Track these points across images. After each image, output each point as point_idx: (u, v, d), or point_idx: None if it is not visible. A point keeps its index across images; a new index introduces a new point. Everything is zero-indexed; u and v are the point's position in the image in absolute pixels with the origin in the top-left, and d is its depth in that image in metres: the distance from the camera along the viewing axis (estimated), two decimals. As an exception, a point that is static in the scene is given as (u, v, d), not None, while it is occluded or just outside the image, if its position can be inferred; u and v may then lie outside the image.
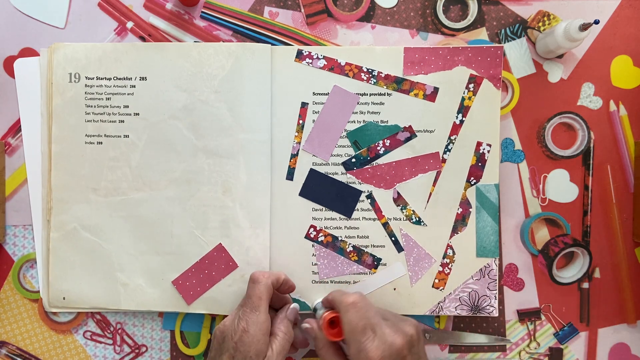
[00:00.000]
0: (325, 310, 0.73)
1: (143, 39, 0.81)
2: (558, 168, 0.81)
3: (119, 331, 0.82)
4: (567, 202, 0.81)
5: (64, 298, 0.79)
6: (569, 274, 0.81)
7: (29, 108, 0.80)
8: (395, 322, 0.69)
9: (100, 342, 0.82)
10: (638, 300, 0.81)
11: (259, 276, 0.72)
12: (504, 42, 0.80)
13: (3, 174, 0.81)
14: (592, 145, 0.81)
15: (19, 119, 0.81)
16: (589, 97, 0.80)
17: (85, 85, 0.78)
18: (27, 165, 0.81)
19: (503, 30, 0.80)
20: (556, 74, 0.80)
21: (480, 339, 0.80)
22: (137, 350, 0.82)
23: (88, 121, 0.78)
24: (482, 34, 0.80)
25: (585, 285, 0.81)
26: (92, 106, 0.78)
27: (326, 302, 0.74)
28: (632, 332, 0.81)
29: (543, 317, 0.81)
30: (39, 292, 0.81)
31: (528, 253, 0.81)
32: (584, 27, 0.71)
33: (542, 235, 0.81)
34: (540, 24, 0.80)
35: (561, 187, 0.81)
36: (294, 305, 0.75)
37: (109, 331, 0.82)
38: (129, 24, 0.81)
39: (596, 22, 0.70)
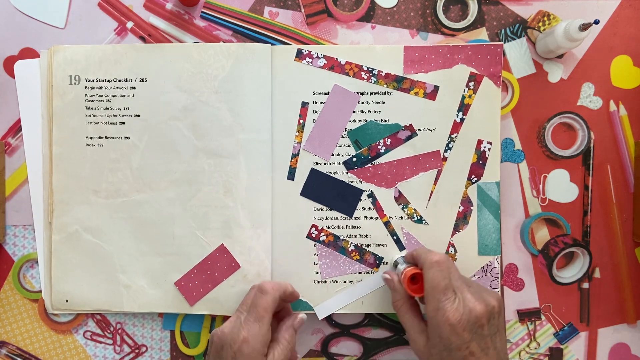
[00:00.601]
0: (407, 265, 0.73)
1: (143, 39, 0.81)
2: (558, 168, 0.81)
3: (119, 331, 0.81)
4: (567, 202, 0.81)
5: (66, 300, 0.79)
6: (569, 274, 0.81)
7: (29, 109, 0.80)
8: (479, 290, 0.68)
9: (100, 342, 0.81)
10: (638, 300, 0.81)
11: (268, 287, 0.71)
12: (504, 42, 0.80)
13: (3, 174, 0.81)
14: (592, 145, 0.81)
15: (19, 119, 0.81)
16: (589, 97, 0.80)
17: (86, 87, 0.78)
18: (28, 166, 0.80)
19: (503, 30, 0.80)
20: (556, 74, 0.80)
21: (480, 338, 0.80)
22: (137, 350, 0.82)
23: (88, 123, 0.78)
24: (482, 34, 0.80)
25: (585, 285, 0.81)
26: (92, 108, 0.78)
27: (409, 257, 0.73)
28: (632, 332, 0.81)
29: (543, 317, 0.81)
30: (39, 292, 0.81)
31: (528, 253, 0.81)
32: (584, 27, 0.71)
33: (542, 235, 0.81)
34: (540, 24, 0.80)
35: (561, 187, 0.81)
36: (303, 315, 0.74)
37: (109, 331, 0.81)
38: (129, 24, 0.81)
39: (596, 22, 0.70)
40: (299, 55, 0.78)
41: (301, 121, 0.78)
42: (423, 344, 0.68)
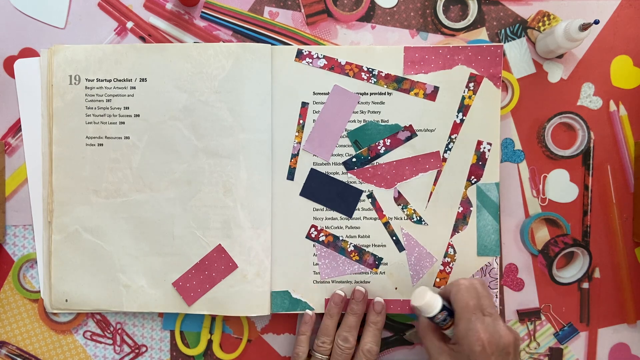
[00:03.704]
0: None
1: (143, 39, 0.81)
2: (558, 168, 0.81)
3: (119, 331, 0.81)
4: (567, 202, 0.81)
5: (66, 300, 0.79)
6: (569, 274, 0.81)
7: (29, 108, 0.80)
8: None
9: (100, 342, 0.82)
10: (638, 300, 0.81)
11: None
12: (504, 42, 0.80)
13: (3, 174, 0.81)
14: (592, 145, 0.81)
15: (19, 119, 0.81)
16: (589, 97, 0.80)
17: (86, 87, 0.78)
18: (27, 166, 0.81)
19: (503, 30, 0.80)
20: (556, 74, 0.80)
21: (480, 339, 0.80)
22: (137, 350, 0.82)
23: (88, 123, 0.78)
24: (482, 34, 0.80)
25: (585, 285, 0.81)
26: (92, 108, 0.78)
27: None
28: (632, 332, 0.81)
29: (543, 317, 0.81)
30: (39, 292, 0.81)
31: (528, 253, 0.81)
32: (584, 27, 0.71)
33: (542, 235, 0.81)
34: (540, 24, 0.80)
35: (561, 187, 0.81)
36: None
37: (109, 331, 0.81)
38: (129, 24, 0.81)
39: (596, 22, 0.70)
40: (299, 55, 0.78)
41: (301, 121, 0.78)
42: None
